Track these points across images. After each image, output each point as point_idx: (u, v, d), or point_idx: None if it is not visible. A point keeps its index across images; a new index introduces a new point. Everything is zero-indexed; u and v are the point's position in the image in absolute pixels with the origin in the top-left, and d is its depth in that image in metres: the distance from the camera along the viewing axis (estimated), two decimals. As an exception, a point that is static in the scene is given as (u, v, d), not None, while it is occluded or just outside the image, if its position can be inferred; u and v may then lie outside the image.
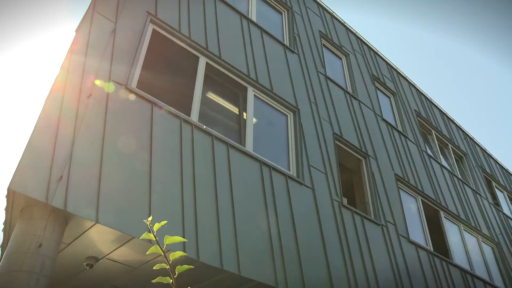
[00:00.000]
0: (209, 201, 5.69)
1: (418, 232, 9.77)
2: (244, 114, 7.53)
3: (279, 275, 5.83)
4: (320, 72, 9.95)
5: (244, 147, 6.87)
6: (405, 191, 10.29)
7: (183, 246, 4.91)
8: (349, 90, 10.88)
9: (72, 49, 5.47)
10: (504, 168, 18.52)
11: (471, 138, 16.95)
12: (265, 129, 7.88)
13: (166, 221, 1.54)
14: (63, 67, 5.22)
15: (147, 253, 1.62)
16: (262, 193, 6.51)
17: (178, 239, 1.54)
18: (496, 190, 16.36)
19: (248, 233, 5.91)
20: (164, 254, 1.52)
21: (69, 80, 5.17)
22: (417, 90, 14.91)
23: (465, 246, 11.31)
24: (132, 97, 5.73)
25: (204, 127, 6.31)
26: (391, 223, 8.76)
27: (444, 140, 14.74)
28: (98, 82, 5.44)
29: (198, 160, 5.91)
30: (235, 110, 7.78)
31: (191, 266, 1.55)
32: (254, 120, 7.56)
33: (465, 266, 10.61)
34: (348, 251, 7.22)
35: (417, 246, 9.11)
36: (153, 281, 1.58)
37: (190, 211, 5.34)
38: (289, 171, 7.43)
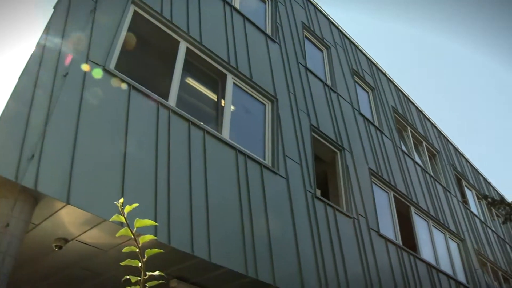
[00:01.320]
0: (183, 187, 5.68)
1: (389, 226, 9.96)
2: (222, 101, 7.51)
3: (249, 263, 5.87)
4: (301, 63, 9.98)
5: (221, 134, 6.85)
6: (378, 186, 10.46)
7: (155, 230, 4.89)
8: (328, 82, 10.94)
9: (49, 26, 5.33)
10: (474, 167, 18.99)
11: (444, 137, 17.30)
12: (242, 117, 7.87)
13: (137, 204, 1.53)
14: (39, 44, 5.09)
15: (116, 235, 1.61)
16: (236, 180, 6.52)
17: (149, 222, 1.53)
18: (465, 189, 16.79)
19: (221, 220, 5.93)
20: (134, 237, 1.51)
21: (44, 57, 5.05)
22: (395, 86, 15.09)
23: (432, 241, 11.60)
24: (109, 78, 5.64)
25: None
26: (362, 216, 8.90)
27: (419, 137, 15.00)
28: (75, 62, 5.33)
29: (174, 145, 5.88)
30: (213, 96, 7.74)
31: (161, 250, 1.55)
32: (232, 107, 7.55)
33: (432, 261, 10.89)
34: (319, 242, 7.31)
35: (387, 240, 9.30)
36: (122, 263, 1.57)
37: (163, 195, 5.32)
38: (264, 160, 7.45)
